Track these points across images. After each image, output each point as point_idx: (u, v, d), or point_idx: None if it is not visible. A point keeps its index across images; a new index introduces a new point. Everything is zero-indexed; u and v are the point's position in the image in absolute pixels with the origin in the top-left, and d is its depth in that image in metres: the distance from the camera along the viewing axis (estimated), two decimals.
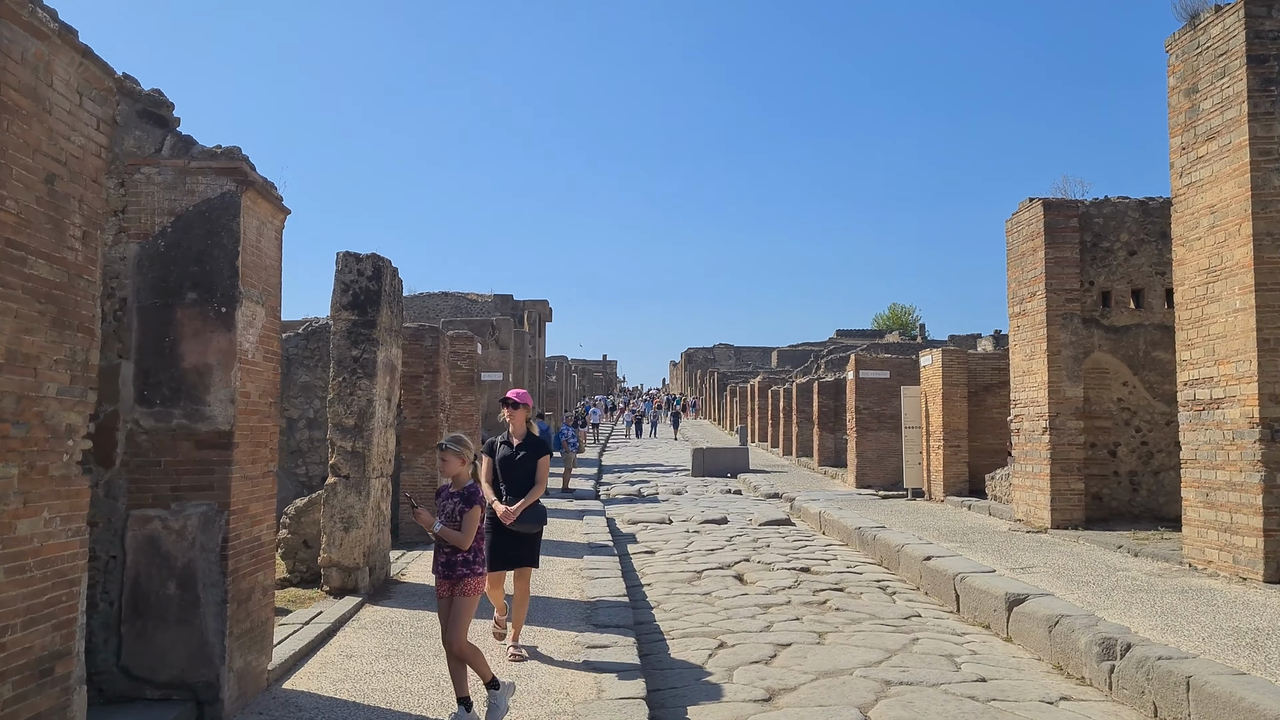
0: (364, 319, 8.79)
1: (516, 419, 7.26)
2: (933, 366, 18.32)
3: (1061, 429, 13.30)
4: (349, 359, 8.73)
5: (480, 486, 6.24)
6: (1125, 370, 13.75)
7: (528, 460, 7.18)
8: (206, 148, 5.29)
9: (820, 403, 28.05)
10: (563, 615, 8.26)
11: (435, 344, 12.87)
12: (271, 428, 5.81)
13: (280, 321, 5.86)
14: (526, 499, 7.02)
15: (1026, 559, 10.94)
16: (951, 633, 8.76)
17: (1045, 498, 13.30)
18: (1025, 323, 14.06)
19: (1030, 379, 13.86)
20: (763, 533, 15.43)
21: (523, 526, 7.04)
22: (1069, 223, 13.55)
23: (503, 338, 23.83)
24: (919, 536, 12.69)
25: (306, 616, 7.54)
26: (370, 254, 8.84)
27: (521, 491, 7.08)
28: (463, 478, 5.67)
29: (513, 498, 7.04)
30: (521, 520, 7.01)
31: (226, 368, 5.23)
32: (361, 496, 8.67)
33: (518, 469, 7.15)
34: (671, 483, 25.26)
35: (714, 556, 12.87)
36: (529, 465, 7.17)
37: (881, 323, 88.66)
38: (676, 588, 10.78)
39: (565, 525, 14.82)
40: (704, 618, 9.25)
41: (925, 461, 18.73)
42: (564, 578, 10.10)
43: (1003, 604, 8.78)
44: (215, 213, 5.26)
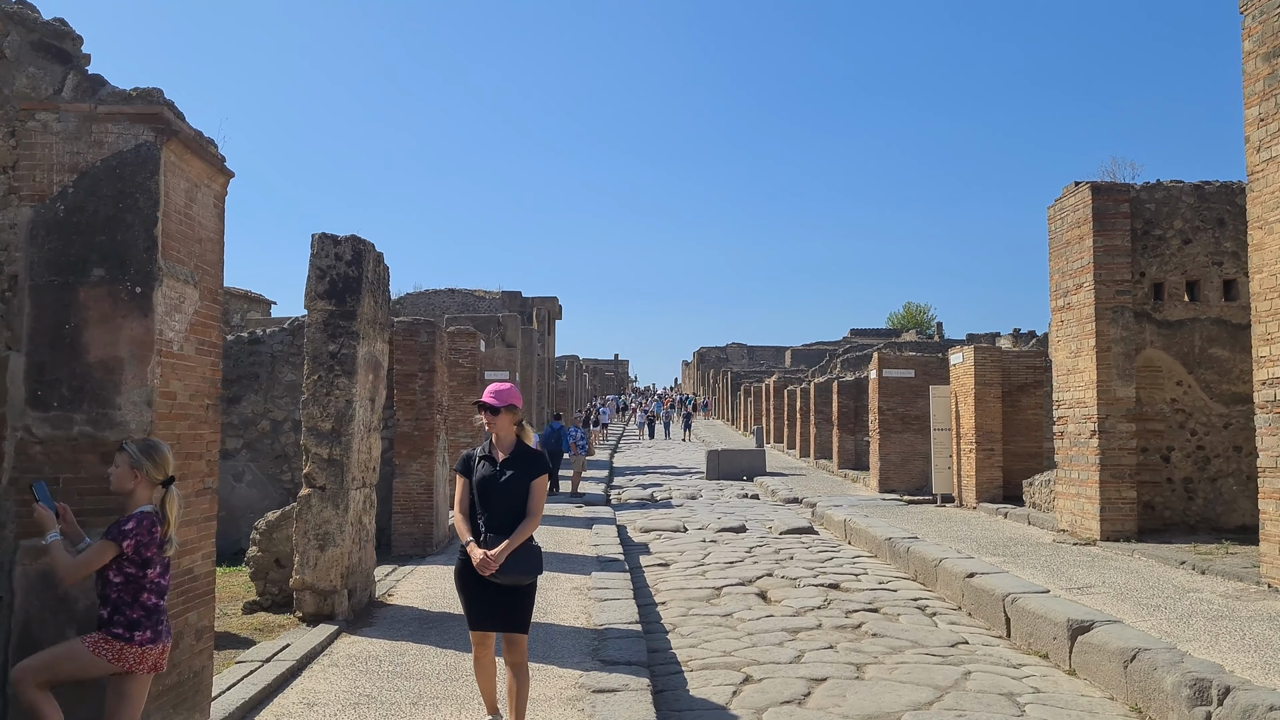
0: (342, 309, 7.78)
1: (500, 426, 5.34)
2: (964, 365, 17.24)
3: (1112, 432, 12.21)
4: (325, 355, 7.73)
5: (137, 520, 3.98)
6: (1179, 368, 12.66)
7: (517, 482, 5.23)
8: (118, 89, 4.28)
9: (840, 403, 26.99)
10: (565, 648, 7.23)
11: (432, 340, 11.88)
12: (209, 436, 4.81)
13: (222, 307, 4.86)
14: (514, 538, 5.11)
15: (1081, 576, 9.88)
16: (1006, 664, 7.72)
17: (1094, 507, 12.22)
18: (1070, 317, 12.98)
19: (1076, 378, 12.78)
20: (784, 542, 14.39)
21: (509, 577, 5.10)
22: (1119, 208, 12.46)
23: (509, 335, 22.82)
24: (957, 550, 11.64)
25: (269, 651, 6.53)
26: (349, 236, 7.84)
27: (507, 526, 5.17)
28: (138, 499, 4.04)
29: (495, 535, 5.13)
30: (508, 569, 5.08)
31: (141, 362, 4.23)
32: (339, 510, 7.67)
33: (502, 494, 5.21)
34: (685, 486, 24.23)
35: (734, 570, 11.84)
36: (518, 488, 5.23)
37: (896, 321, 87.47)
38: (694, 607, 9.76)
39: (573, 535, 13.80)
40: (725, 644, 8.23)
41: (956, 466, 17.65)
42: (569, 599, 9.08)
43: (1064, 632, 7.74)
44: (129, 169, 4.26)
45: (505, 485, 5.24)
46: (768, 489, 23.13)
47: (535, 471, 5.32)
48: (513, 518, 5.21)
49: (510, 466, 5.29)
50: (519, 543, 5.15)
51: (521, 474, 5.28)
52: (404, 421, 11.74)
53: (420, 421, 11.78)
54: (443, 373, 12.37)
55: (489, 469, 5.30)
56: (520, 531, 5.17)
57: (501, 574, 5.09)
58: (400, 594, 9.16)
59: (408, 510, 11.68)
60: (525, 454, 5.36)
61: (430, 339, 11.83)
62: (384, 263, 8.60)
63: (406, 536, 11.69)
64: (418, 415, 11.78)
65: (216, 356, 4.87)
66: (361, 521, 8.15)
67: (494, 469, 5.30)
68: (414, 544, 11.68)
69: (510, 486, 5.24)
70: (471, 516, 5.30)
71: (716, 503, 20.57)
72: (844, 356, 48.34)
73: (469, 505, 5.33)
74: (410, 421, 11.75)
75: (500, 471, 5.28)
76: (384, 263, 8.60)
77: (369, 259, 7.95)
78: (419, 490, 11.69)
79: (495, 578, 5.09)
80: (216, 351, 4.87)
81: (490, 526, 5.21)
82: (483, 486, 5.26)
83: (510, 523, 5.20)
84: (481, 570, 5.06)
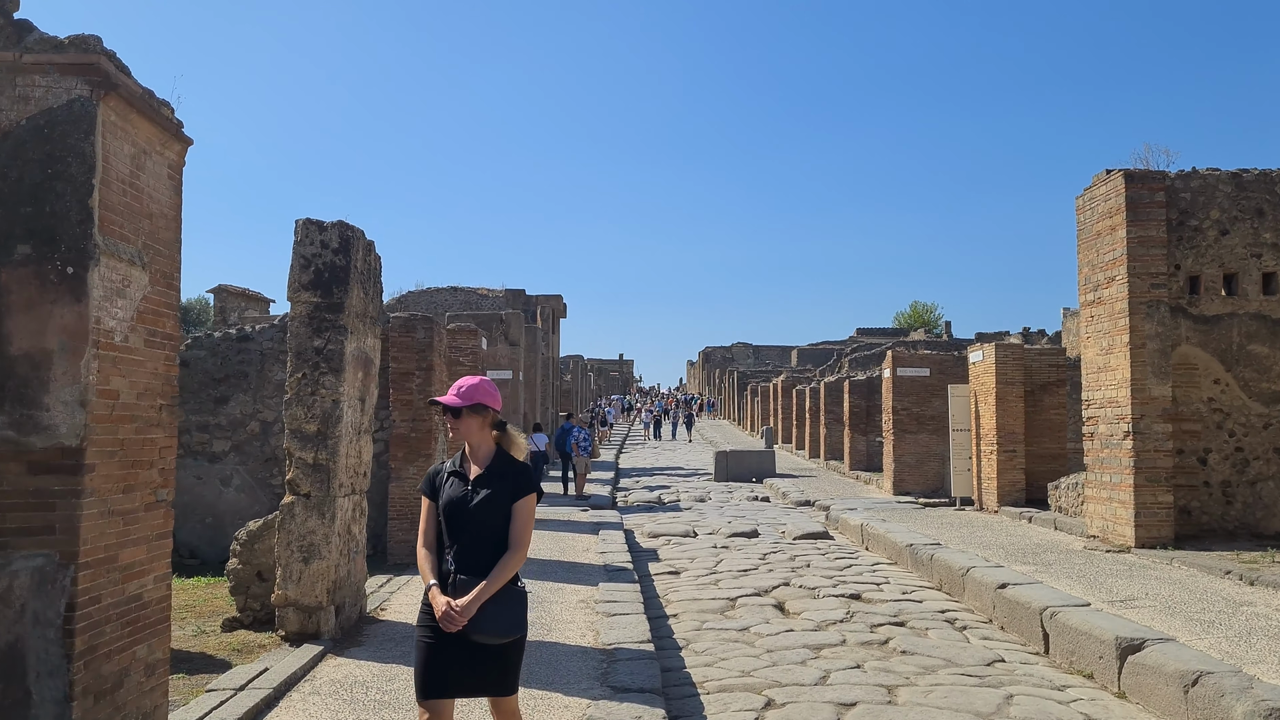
0: (329, 301, 7.16)
1: (467, 432, 4.12)
2: (984, 363, 16.60)
3: (1147, 433, 11.57)
4: (310, 350, 7.11)
5: None
6: (1216, 366, 12.02)
7: (494, 505, 4.01)
8: (49, 36, 3.67)
9: (851, 402, 26.33)
10: (571, 672, 6.60)
11: (429, 336, 11.27)
12: (163, 441, 4.20)
13: (179, 293, 4.25)
14: (489, 581, 3.89)
15: (1121, 588, 9.25)
16: (1049, 685, 7.10)
17: (1128, 512, 11.57)
18: (1101, 312, 12.34)
19: (1108, 376, 12.14)
20: (799, 548, 13.76)
21: (486, 636, 3.90)
22: (1154, 197, 11.81)
23: (512, 333, 22.20)
24: (985, 558, 11.00)
25: (244, 677, 5.90)
26: (336, 221, 7.22)
27: (483, 564, 3.95)
28: None
29: (467, 577, 3.92)
30: (482, 624, 3.87)
31: (74, 355, 3.62)
32: (325, 519, 7.05)
33: (476, 521, 4.00)
34: (693, 488, 23.59)
35: (748, 579, 11.22)
36: (496, 513, 4.01)
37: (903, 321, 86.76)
38: (708, 621, 9.14)
39: (579, 541, 13.18)
40: (744, 663, 7.61)
41: (975, 468, 17.00)
42: (575, 613, 8.45)
43: (1112, 650, 7.12)
44: (60, 129, 3.65)
45: (479, 509, 4.00)
46: (778, 491, 22.50)
47: (520, 490, 4.05)
48: (490, 552, 3.97)
49: (486, 485, 4.04)
50: (497, 587, 3.90)
51: (500, 494, 4.02)
52: (400, 422, 11.14)
53: (417, 422, 11.17)
54: (441, 371, 11.76)
55: (458, 489, 4.06)
56: (498, 572, 3.92)
57: (474, 630, 3.87)
58: (394, 608, 8.54)
59: (404, 516, 11.07)
60: (506, 468, 4.10)
61: (428, 336, 11.22)
62: (375, 252, 7.99)
63: (404, 544, 11.08)
64: (415, 416, 11.17)
65: (172, 350, 4.26)
66: (350, 531, 7.53)
67: (464, 489, 4.05)
68: (411, 552, 11.05)
69: (485, 511, 4.00)
70: (439, 552, 4.07)
71: (726, 505, 19.94)
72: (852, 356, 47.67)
73: (435, 537, 4.10)
74: (407, 422, 11.14)
75: (473, 492, 4.03)
76: (375, 252, 7.99)
77: (358, 247, 7.33)
78: (415, 495, 11.07)
79: (471, 634, 3.88)
80: (172, 345, 4.26)
81: (461, 565, 3.96)
82: (450, 512, 4.03)
83: (487, 559, 3.95)
84: (444, 626, 3.85)
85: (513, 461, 4.17)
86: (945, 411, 19.52)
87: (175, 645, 7.15)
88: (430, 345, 11.24)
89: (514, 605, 3.99)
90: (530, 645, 7.23)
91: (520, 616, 4.01)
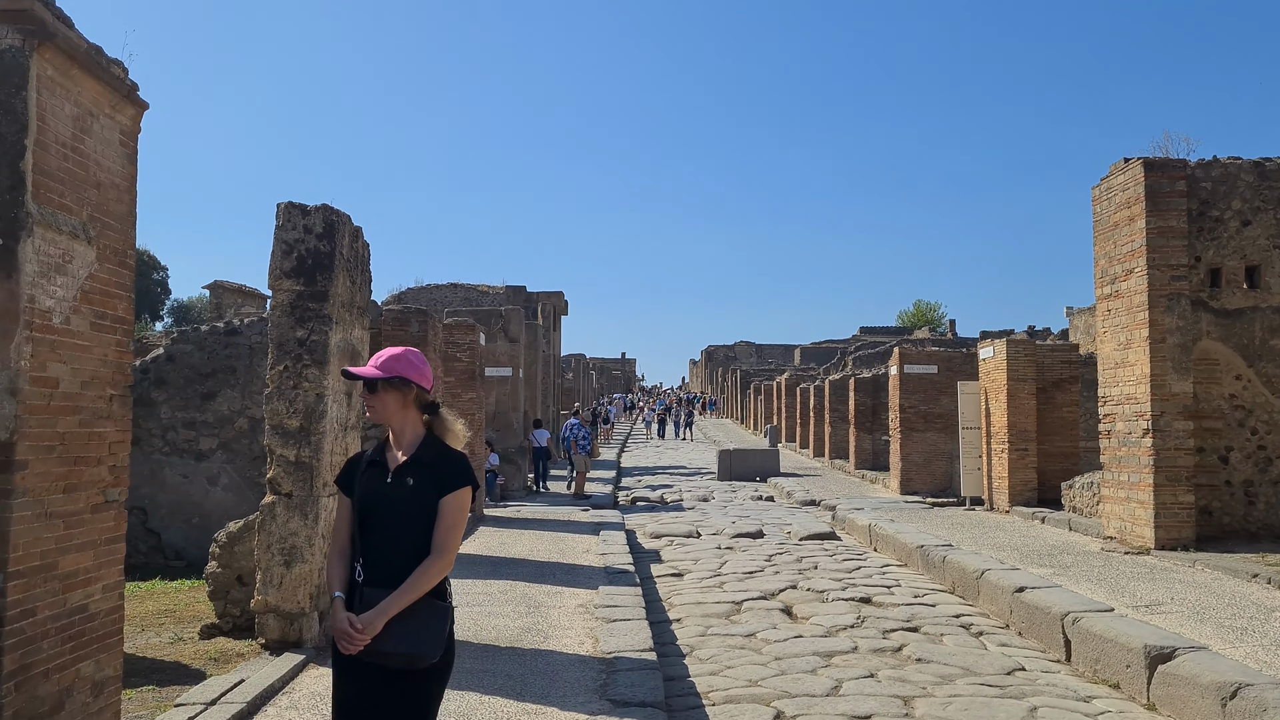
0: (312, 289, 6.77)
1: (387, 409, 3.41)
2: (995, 359, 16.19)
3: (1167, 431, 11.15)
4: (292, 342, 6.72)
5: None
6: (1238, 361, 11.61)
7: (416, 501, 3.31)
8: None
9: (857, 400, 25.92)
10: (568, 683, 6.19)
11: (424, 330, 10.88)
12: (114, 435, 3.81)
13: (133, 272, 3.85)
14: (403, 590, 3.20)
15: (1144, 591, 8.85)
16: (1074, 696, 6.71)
17: (1147, 512, 11.16)
18: (1119, 305, 11.92)
19: (1126, 372, 11.73)
20: (806, 549, 13.37)
21: (391, 657, 3.21)
22: (1175, 186, 11.40)
23: (512, 329, 21.79)
24: (999, 560, 10.60)
25: (219, 690, 5.50)
26: (320, 205, 6.82)
27: (397, 573, 3.24)
28: None
29: (374, 589, 3.23)
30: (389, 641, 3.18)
31: (3, 337, 3.23)
32: (308, 520, 6.66)
33: (392, 519, 3.30)
34: (696, 488, 23.19)
35: (753, 582, 10.83)
36: (417, 511, 3.31)
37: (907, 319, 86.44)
38: (713, 626, 8.75)
39: (579, 542, 12.78)
40: (751, 671, 7.22)
41: (986, 467, 16.59)
42: (573, 619, 8.05)
43: (1140, 659, 6.72)
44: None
45: (397, 506, 3.29)
46: (783, 490, 22.10)
47: (449, 482, 3.31)
48: (410, 558, 3.24)
49: (407, 476, 3.31)
50: (409, 599, 3.17)
51: (424, 487, 3.29)
52: None
53: None
54: (437, 367, 11.36)
55: (375, 481, 3.36)
56: (414, 581, 3.19)
57: (378, 651, 3.16)
58: None
59: None
60: (435, 456, 3.37)
61: (422, 329, 10.83)
62: (363, 239, 7.59)
63: None
64: None
65: (125, 335, 3.86)
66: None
67: (383, 480, 3.34)
68: None
69: (404, 508, 3.28)
70: (351, 553, 3.35)
71: (730, 505, 19.54)
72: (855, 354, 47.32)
73: (348, 539, 3.36)
74: None
75: (393, 484, 3.32)
76: (363, 239, 7.59)
77: (343, 232, 6.93)
78: None
79: (371, 656, 3.18)
80: (125, 329, 3.86)
81: (371, 574, 3.25)
82: (364, 509, 3.33)
83: (403, 567, 3.22)
84: (341, 646, 3.20)
85: (444, 449, 3.42)
86: (953, 410, 19.14)
87: (149, 654, 6.76)
88: (424, 339, 10.85)
89: (431, 622, 3.22)
90: (526, 654, 6.84)
91: (438, 636, 3.23)
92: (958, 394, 17.72)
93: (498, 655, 6.76)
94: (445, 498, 3.30)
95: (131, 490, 11.17)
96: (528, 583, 9.66)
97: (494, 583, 9.67)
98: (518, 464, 19.98)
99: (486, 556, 11.47)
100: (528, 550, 11.90)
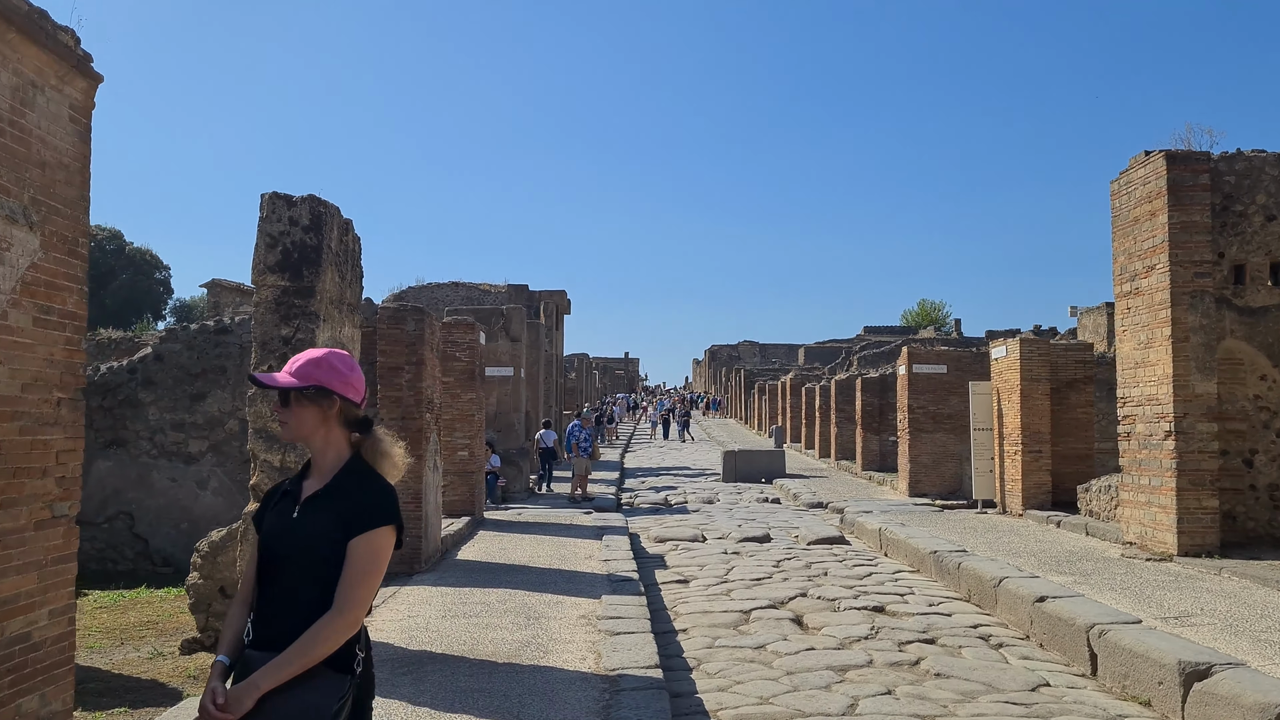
0: (298, 285, 6.40)
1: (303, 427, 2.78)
2: (1008, 359, 15.80)
3: (1191, 433, 10.76)
4: (276, 340, 6.34)
5: None
6: (1263, 361, 11.21)
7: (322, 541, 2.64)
8: None
9: (864, 401, 25.52)
10: (568, 704, 5.80)
11: (420, 328, 10.50)
12: (62, 444, 3.44)
13: (85, 262, 3.48)
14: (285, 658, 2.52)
15: (1172, 601, 8.46)
16: (1104, 715, 6.35)
17: (1169, 517, 10.77)
18: (1139, 303, 11.53)
19: (1146, 371, 11.33)
20: (814, 554, 12.99)
21: None
22: (1199, 179, 11.00)
23: (514, 328, 21.41)
24: (1017, 566, 10.22)
25: (193, 713, 5.14)
26: (306, 196, 6.46)
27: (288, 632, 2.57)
28: None
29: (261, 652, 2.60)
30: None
31: None
32: None
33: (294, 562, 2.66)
34: (700, 489, 22.80)
35: (761, 589, 10.45)
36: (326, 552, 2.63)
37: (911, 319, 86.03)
38: (720, 637, 8.38)
39: (582, 547, 12.41)
40: (761, 688, 6.85)
41: (998, 469, 16.20)
42: (575, 631, 7.67)
43: (1174, 676, 6.35)
44: None
45: (300, 548, 2.63)
46: (789, 492, 21.72)
47: (360, 521, 2.63)
48: (308, 614, 2.56)
49: (316, 509, 2.66)
50: (293, 670, 2.50)
51: (330, 524, 2.63)
52: (388, 421, 10.36)
53: (407, 421, 10.41)
54: (433, 365, 11.00)
55: (284, 515, 2.71)
56: (302, 647, 2.51)
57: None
58: (376, 625, 7.76)
59: None
60: (353, 485, 2.70)
61: (418, 328, 10.46)
62: (354, 232, 7.22)
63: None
64: (404, 414, 10.41)
65: (75, 332, 3.49)
66: None
67: (289, 515, 2.70)
68: (400, 560, 10.28)
69: (308, 550, 2.62)
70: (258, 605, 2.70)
71: (735, 507, 19.16)
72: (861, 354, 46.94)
73: (250, 586, 2.74)
74: (396, 421, 10.38)
75: (299, 520, 2.67)
76: (354, 232, 7.22)
77: (331, 225, 6.56)
78: (405, 499, 10.30)
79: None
80: (76, 326, 3.49)
81: (260, 631, 2.63)
82: (266, 548, 2.69)
83: (299, 626, 2.55)
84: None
85: (367, 477, 2.74)
86: (962, 410, 18.77)
87: (126, 671, 6.40)
88: (421, 338, 10.49)
89: (319, 702, 2.52)
90: (524, 670, 6.47)
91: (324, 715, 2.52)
92: (969, 394, 17.33)
93: (494, 672, 6.38)
94: (354, 540, 2.60)
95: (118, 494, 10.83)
96: (527, 591, 9.29)
97: (492, 591, 9.30)
98: (518, 466, 19.61)
99: (485, 563, 11.10)
100: (528, 556, 11.53)
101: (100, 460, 10.15)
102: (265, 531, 2.72)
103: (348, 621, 2.56)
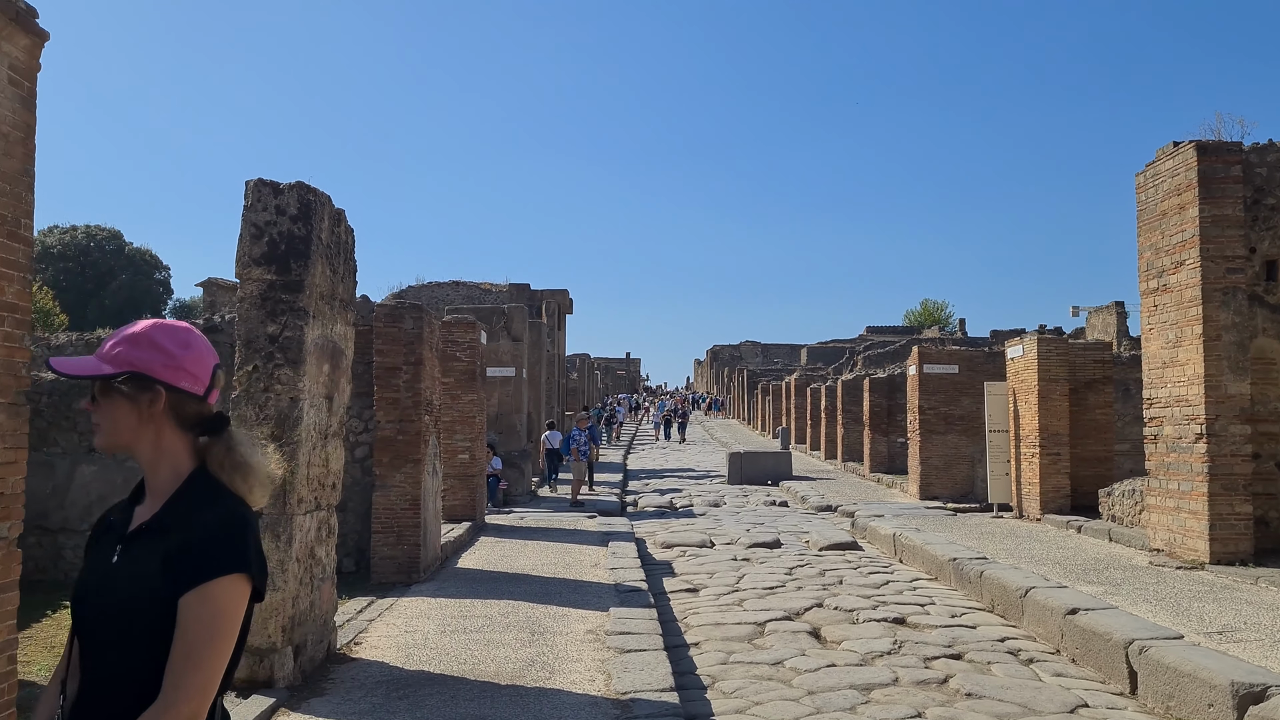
0: (285, 279, 5.95)
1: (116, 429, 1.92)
2: (1024, 358, 15.34)
3: (1223, 436, 10.30)
4: (262, 338, 5.90)
5: None
6: None
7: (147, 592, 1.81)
8: None
9: (871, 401, 25.06)
10: None
11: (418, 327, 10.06)
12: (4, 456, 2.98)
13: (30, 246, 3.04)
14: None
15: (1211, 614, 8.01)
16: None
17: (1200, 524, 10.31)
18: (1167, 300, 11.07)
19: (1175, 371, 10.88)
20: (828, 561, 12.54)
21: None
22: (1230, 171, 10.55)
23: (515, 328, 20.96)
24: (1043, 575, 9.77)
25: None
26: (294, 183, 6.01)
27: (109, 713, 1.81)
28: None
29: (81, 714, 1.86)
30: None
31: None
32: (280, 542, 5.84)
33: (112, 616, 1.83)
34: (706, 492, 22.33)
35: (775, 599, 10.01)
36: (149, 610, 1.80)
37: (914, 318, 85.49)
38: (734, 652, 7.93)
39: (587, 554, 11.94)
40: (781, 709, 6.40)
41: (1015, 472, 15.74)
42: (582, 648, 7.21)
43: (1227, 698, 5.92)
44: None
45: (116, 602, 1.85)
46: (796, 495, 21.26)
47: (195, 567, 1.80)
48: (130, 695, 1.81)
49: (142, 547, 1.87)
50: None
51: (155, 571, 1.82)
52: (385, 424, 9.93)
53: (405, 424, 9.96)
54: (432, 365, 10.55)
55: (102, 557, 1.94)
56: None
57: None
58: (371, 641, 7.31)
59: (390, 529, 9.86)
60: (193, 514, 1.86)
61: (416, 326, 10.02)
62: (347, 224, 6.78)
63: (389, 560, 9.87)
64: (402, 416, 9.96)
65: (16, 327, 3.04)
66: (314, 555, 6.31)
67: (109, 557, 1.92)
68: (397, 569, 9.87)
69: (124, 607, 1.84)
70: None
71: (742, 511, 18.70)
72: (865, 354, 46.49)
73: (68, 657, 1.95)
74: (393, 424, 9.93)
75: (119, 564, 1.89)
76: (347, 224, 6.78)
77: (322, 215, 6.11)
78: (403, 505, 9.87)
79: None
80: (18, 319, 3.04)
81: (74, 713, 1.88)
82: (79, 601, 1.93)
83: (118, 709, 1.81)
84: None
85: (206, 502, 1.89)
86: (975, 411, 18.34)
87: None
88: (419, 337, 10.04)
89: None
90: (529, 694, 6.01)
91: None
92: (984, 395, 16.86)
93: (497, 696, 5.93)
94: (185, 596, 1.78)
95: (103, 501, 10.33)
96: (531, 603, 8.83)
97: (494, 603, 8.84)
98: (520, 468, 19.16)
99: (487, 571, 10.64)
100: (531, 564, 11.07)
101: (84, 465, 9.71)
102: (78, 581, 1.93)
103: (179, 716, 1.74)
